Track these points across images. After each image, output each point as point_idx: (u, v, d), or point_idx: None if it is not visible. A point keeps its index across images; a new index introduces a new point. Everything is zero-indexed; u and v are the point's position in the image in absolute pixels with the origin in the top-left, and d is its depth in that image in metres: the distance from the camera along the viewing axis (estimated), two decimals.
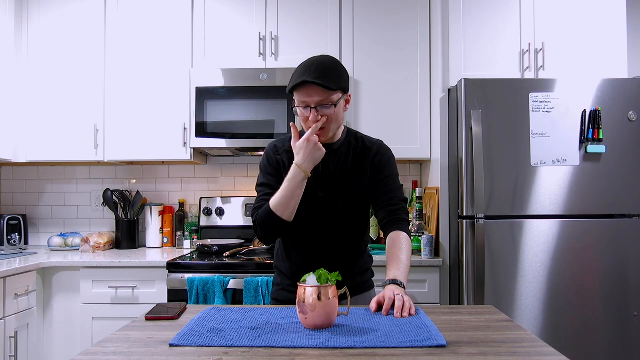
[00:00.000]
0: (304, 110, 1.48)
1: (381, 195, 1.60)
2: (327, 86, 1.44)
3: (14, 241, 2.98)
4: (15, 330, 2.28)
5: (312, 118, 1.47)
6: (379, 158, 1.61)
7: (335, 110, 1.49)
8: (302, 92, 1.46)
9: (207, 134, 2.73)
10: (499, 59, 2.60)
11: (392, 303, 1.33)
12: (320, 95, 1.45)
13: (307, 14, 2.81)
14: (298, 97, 1.48)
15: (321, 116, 1.47)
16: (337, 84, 1.46)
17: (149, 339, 1.16)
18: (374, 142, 1.65)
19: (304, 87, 1.45)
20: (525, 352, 1.06)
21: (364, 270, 1.69)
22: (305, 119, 1.50)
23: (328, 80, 1.44)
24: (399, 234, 1.54)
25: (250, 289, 2.28)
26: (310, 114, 1.47)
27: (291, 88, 1.47)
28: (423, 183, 3.05)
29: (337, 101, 1.48)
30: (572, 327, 2.31)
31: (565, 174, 2.35)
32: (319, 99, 1.45)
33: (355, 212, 1.62)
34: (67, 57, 2.87)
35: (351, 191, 1.59)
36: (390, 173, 1.62)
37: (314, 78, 1.43)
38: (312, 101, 1.46)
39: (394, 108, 2.78)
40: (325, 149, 1.54)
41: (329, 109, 1.48)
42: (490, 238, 2.33)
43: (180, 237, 3.01)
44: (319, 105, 1.46)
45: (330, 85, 1.44)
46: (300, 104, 1.49)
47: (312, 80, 1.42)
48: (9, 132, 2.80)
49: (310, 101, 1.46)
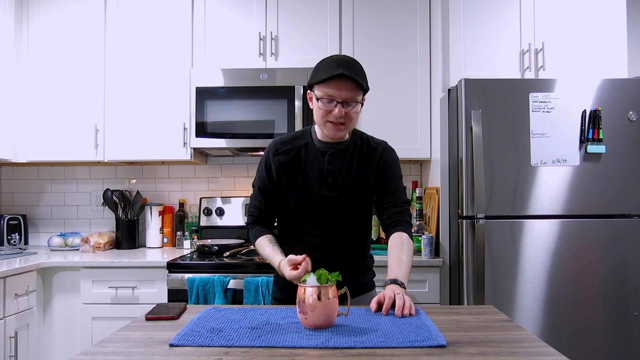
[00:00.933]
0: (328, 104, 1.47)
1: (385, 197, 1.60)
2: (361, 83, 1.45)
3: (14, 241, 2.98)
4: (15, 330, 2.28)
5: (338, 113, 1.46)
6: (384, 159, 1.62)
7: (357, 111, 1.50)
8: (332, 86, 1.45)
9: (207, 134, 2.73)
10: (499, 59, 2.60)
11: (392, 302, 1.33)
12: (350, 92, 1.45)
13: (307, 14, 2.81)
14: (325, 90, 1.46)
15: (345, 113, 1.47)
16: (366, 85, 1.49)
17: (149, 339, 1.16)
18: (379, 143, 1.65)
19: (334, 81, 1.44)
20: (525, 352, 1.06)
21: (366, 270, 1.69)
22: (326, 112, 1.48)
23: (360, 78, 1.46)
24: (401, 235, 1.54)
25: (250, 289, 2.28)
26: (336, 109, 1.46)
27: (322, 79, 1.45)
28: (423, 183, 3.05)
29: (361, 101, 1.50)
30: (572, 327, 2.31)
31: (565, 174, 2.35)
32: (348, 94, 1.45)
33: (359, 212, 1.62)
34: (67, 57, 2.87)
35: (356, 191, 1.59)
36: (394, 175, 1.62)
37: (349, 73, 1.43)
38: (341, 96, 1.45)
39: (394, 108, 2.78)
40: (331, 148, 1.57)
41: (354, 107, 1.48)
42: (490, 238, 2.32)
43: (180, 237, 3.01)
44: (345, 101, 1.46)
45: (362, 83, 1.46)
46: (325, 96, 1.47)
47: (349, 75, 1.43)
48: (9, 132, 2.80)
49: (338, 96, 1.45)
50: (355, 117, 1.51)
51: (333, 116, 1.47)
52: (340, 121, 1.48)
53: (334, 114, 1.46)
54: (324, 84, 1.45)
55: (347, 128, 1.52)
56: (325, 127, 1.52)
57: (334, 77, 1.43)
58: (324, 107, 1.48)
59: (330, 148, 1.59)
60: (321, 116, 1.50)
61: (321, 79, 1.45)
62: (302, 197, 1.57)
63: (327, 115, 1.48)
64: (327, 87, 1.45)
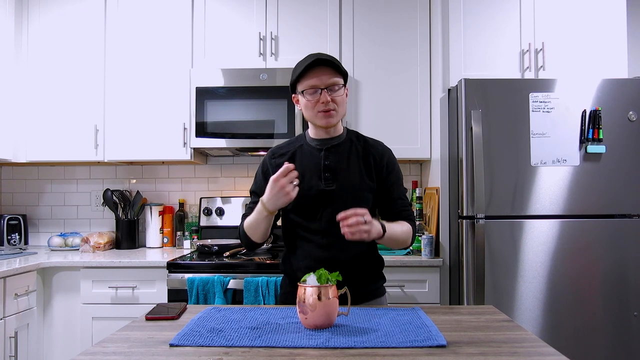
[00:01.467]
0: (313, 95, 1.51)
1: (391, 202, 1.62)
2: (338, 66, 1.51)
3: (14, 241, 2.98)
4: (15, 330, 2.28)
5: (324, 98, 1.50)
6: (386, 160, 1.63)
7: (343, 96, 1.54)
8: (311, 75, 1.50)
9: (207, 134, 2.73)
10: (499, 59, 2.60)
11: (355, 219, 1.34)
12: (330, 76, 1.51)
13: (307, 14, 2.81)
14: (306, 82, 1.51)
15: (331, 99, 1.50)
16: (343, 68, 1.54)
17: (149, 339, 1.16)
18: (376, 141, 1.68)
19: (312, 70, 1.50)
20: (525, 352, 1.06)
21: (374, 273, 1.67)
22: (313, 103, 1.52)
23: (336, 62, 1.52)
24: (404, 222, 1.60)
25: (250, 289, 2.27)
26: (321, 95, 1.50)
27: (301, 73, 1.50)
28: (423, 183, 3.05)
29: (343, 85, 1.53)
30: (572, 327, 2.31)
31: (565, 174, 2.35)
32: (328, 79, 1.50)
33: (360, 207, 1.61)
34: (67, 57, 2.87)
35: (355, 185, 1.58)
36: (397, 178, 1.64)
37: (323, 58, 1.50)
38: (322, 82, 1.50)
39: (394, 108, 2.78)
40: (327, 144, 1.59)
41: (338, 92, 1.52)
42: (490, 238, 2.32)
43: (180, 237, 3.01)
44: (328, 87, 1.50)
45: (339, 65, 1.52)
46: (308, 87, 1.51)
47: (323, 59, 1.49)
48: (9, 132, 2.80)
49: (320, 83, 1.50)
50: (342, 102, 1.55)
51: (321, 104, 1.51)
52: (329, 107, 1.51)
53: (321, 100, 1.50)
54: (304, 77, 1.52)
55: (337, 114, 1.55)
56: (317, 118, 1.54)
57: (310, 65, 1.49)
58: (310, 98, 1.52)
59: (325, 144, 1.61)
60: (310, 109, 1.54)
61: (299, 72, 1.52)
62: (301, 194, 1.57)
63: (316, 106, 1.52)
64: (307, 78, 1.51)
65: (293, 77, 1.55)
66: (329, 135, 1.61)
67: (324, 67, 1.50)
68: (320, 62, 1.49)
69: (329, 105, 1.51)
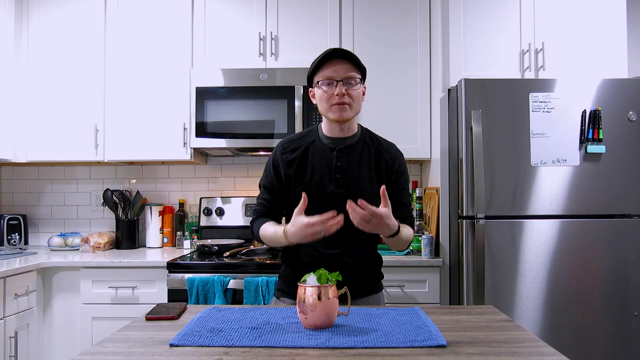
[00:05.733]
0: (328, 87, 1.50)
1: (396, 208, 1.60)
2: (356, 61, 1.50)
3: (14, 241, 2.98)
4: (15, 330, 2.28)
5: (339, 91, 1.48)
6: (397, 165, 1.62)
7: (359, 91, 1.53)
8: (328, 67, 1.49)
9: (207, 134, 2.73)
10: (499, 59, 2.60)
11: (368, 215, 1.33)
12: (347, 70, 1.49)
13: (307, 14, 2.80)
14: (323, 73, 1.50)
15: (346, 93, 1.49)
16: (361, 63, 1.52)
17: (149, 339, 1.16)
18: (390, 145, 1.66)
19: (330, 62, 1.49)
20: (525, 352, 1.06)
21: (373, 271, 1.68)
22: (328, 95, 1.50)
23: (355, 57, 1.51)
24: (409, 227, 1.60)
25: (250, 289, 2.27)
26: (337, 88, 1.48)
27: (318, 64, 1.50)
28: (423, 183, 3.05)
29: (360, 80, 1.52)
30: (572, 327, 2.31)
31: (565, 174, 2.35)
32: (345, 72, 1.49)
33: None
34: (67, 57, 2.87)
35: (364, 188, 1.57)
36: (405, 184, 1.65)
37: (342, 51, 1.49)
38: (339, 74, 1.49)
39: (394, 108, 2.78)
40: (340, 143, 1.57)
41: (354, 86, 1.51)
42: (490, 238, 2.33)
43: (180, 237, 3.01)
44: (344, 79, 1.49)
45: (358, 61, 1.50)
46: (324, 79, 1.50)
47: (342, 52, 1.49)
48: (9, 132, 2.80)
49: (336, 75, 1.49)
50: (358, 97, 1.53)
51: (336, 97, 1.49)
52: (344, 100, 1.49)
53: (336, 93, 1.48)
54: (321, 68, 1.51)
55: (352, 109, 1.53)
56: (330, 111, 1.52)
57: (328, 57, 1.49)
58: (326, 89, 1.50)
59: (338, 144, 1.58)
60: (325, 101, 1.52)
61: (317, 64, 1.51)
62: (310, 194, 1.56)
63: (331, 99, 1.50)
64: (324, 70, 1.50)
65: (310, 69, 1.54)
66: (342, 134, 1.58)
67: (342, 60, 1.49)
68: (338, 54, 1.49)
69: (343, 98, 1.49)
